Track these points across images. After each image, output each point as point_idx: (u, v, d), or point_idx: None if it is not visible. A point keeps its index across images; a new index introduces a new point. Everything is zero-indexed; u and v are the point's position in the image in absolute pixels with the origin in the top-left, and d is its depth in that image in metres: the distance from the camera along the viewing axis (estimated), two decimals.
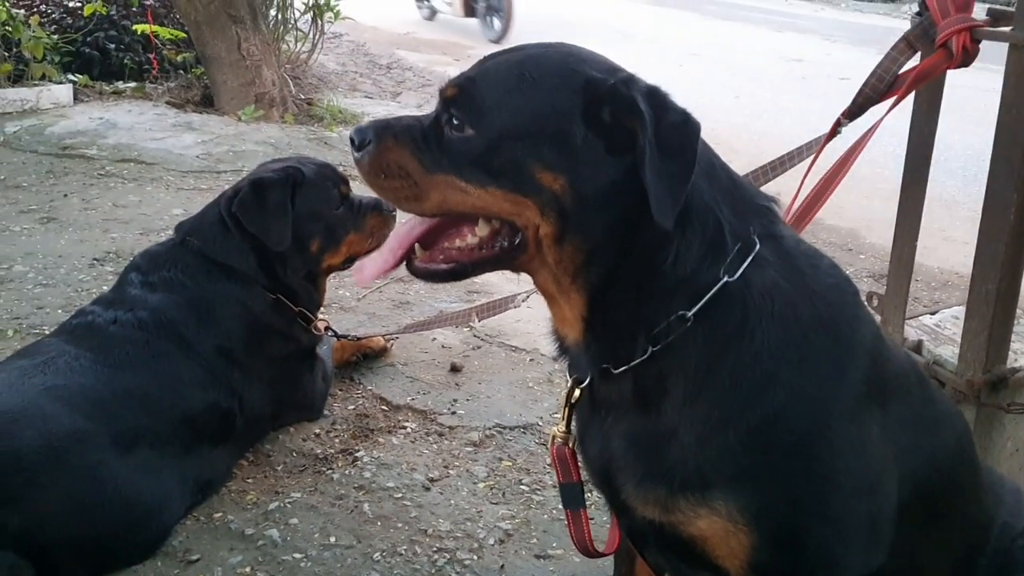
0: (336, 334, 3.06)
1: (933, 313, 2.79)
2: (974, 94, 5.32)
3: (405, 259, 1.48)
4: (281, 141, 6.13)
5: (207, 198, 3.61)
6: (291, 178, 2.72)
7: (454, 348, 3.45)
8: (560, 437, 1.62)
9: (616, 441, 1.46)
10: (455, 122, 1.37)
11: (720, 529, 1.35)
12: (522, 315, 3.45)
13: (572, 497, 1.66)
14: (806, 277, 1.42)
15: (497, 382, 3.22)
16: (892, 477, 1.44)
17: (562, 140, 1.32)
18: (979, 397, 2.31)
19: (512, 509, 2.52)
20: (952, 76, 2.23)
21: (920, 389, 1.56)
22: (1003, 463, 2.38)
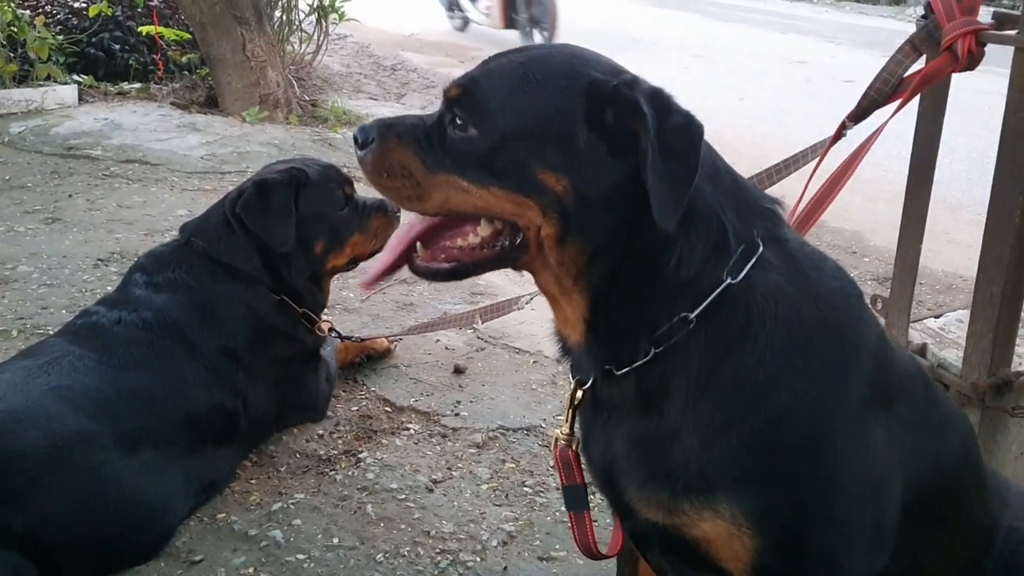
0: (340, 335, 3.06)
1: (937, 316, 2.79)
2: (979, 97, 5.32)
3: (407, 257, 1.47)
4: (285, 142, 6.14)
5: (211, 199, 3.61)
6: (295, 179, 2.72)
7: (458, 350, 3.46)
8: (563, 439, 1.62)
9: (619, 443, 1.46)
10: (458, 122, 1.37)
11: (724, 532, 1.35)
12: (526, 317, 3.45)
13: (576, 499, 1.66)
14: (810, 279, 1.41)
15: (500, 384, 3.21)
16: (896, 480, 1.43)
17: (565, 141, 1.32)
18: (984, 400, 2.30)
19: (515, 511, 2.51)
20: (957, 79, 2.23)
21: (924, 392, 1.56)
22: (1008, 466, 2.37)
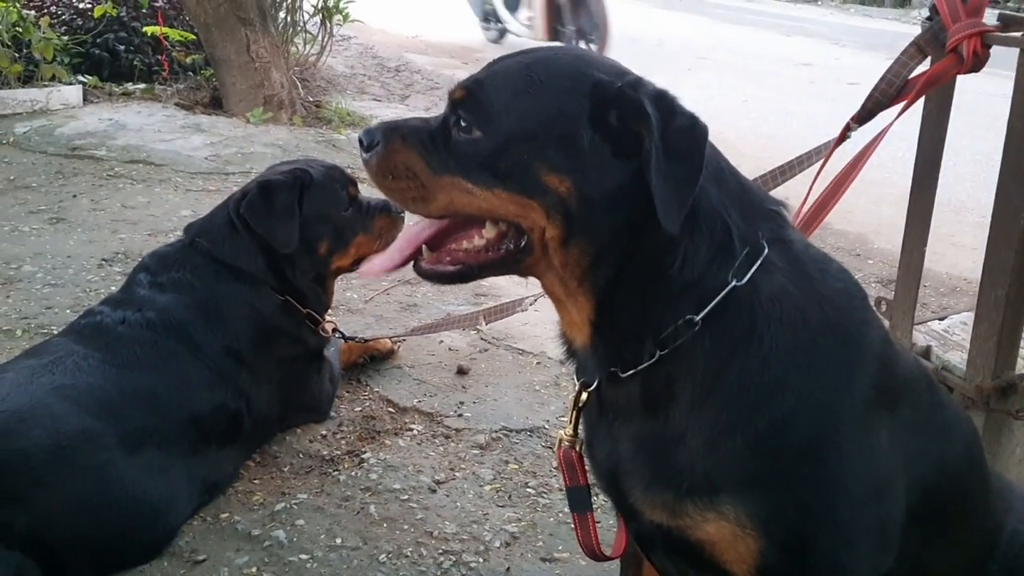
0: (344, 336, 3.06)
1: (942, 319, 2.79)
2: (984, 99, 5.32)
3: (412, 259, 1.48)
4: (289, 143, 6.14)
5: (215, 200, 3.62)
6: (299, 180, 2.73)
7: (461, 351, 3.45)
8: (567, 440, 1.62)
9: (624, 445, 1.46)
10: (463, 124, 1.37)
11: (728, 534, 1.35)
12: (529, 318, 3.45)
13: (579, 501, 1.66)
14: (815, 282, 1.41)
15: (504, 385, 3.21)
16: (900, 483, 1.43)
17: (569, 143, 1.32)
18: (988, 403, 2.30)
19: (518, 512, 2.51)
20: (962, 81, 2.23)
21: (929, 394, 1.56)
22: (1012, 469, 2.37)
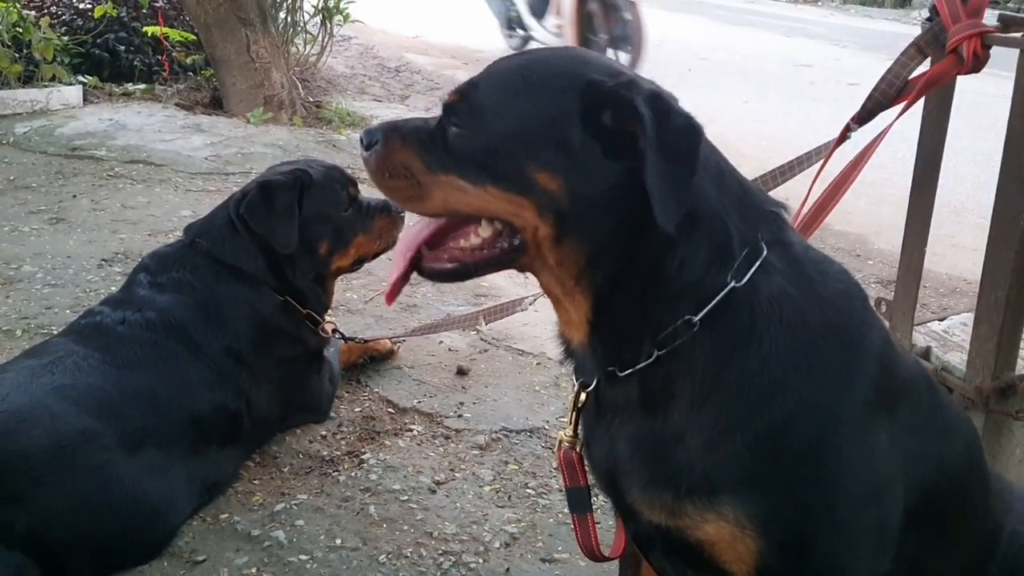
0: (343, 336, 3.06)
1: (942, 319, 2.79)
2: (984, 100, 5.32)
3: (415, 261, 1.48)
4: (290, 143, 6.14)
5: (216, 200, 3.62)
6: (299, 181, 2.73)
7: (461, 351, 3.45)
8: (567, 441, 1.62)
9: (622, 444, 1.46)
10: (458, 123, 1.39)
11: (727, 534, 1.35)
12: (529, 319, 3.45)
13: (579, 501, 1.66)
14: (814, 283, 1.41)
15: (504, 385, 3.21)
16: (900, 484, 1.43)
17: (560, 141, 1.32)
18: (988, 404, 2.30)
19: (518, 513, 2.51)
20: (961, 82, 2.23)
21: (929, 395, 1.56)
22: (1012, 470, 2.37)
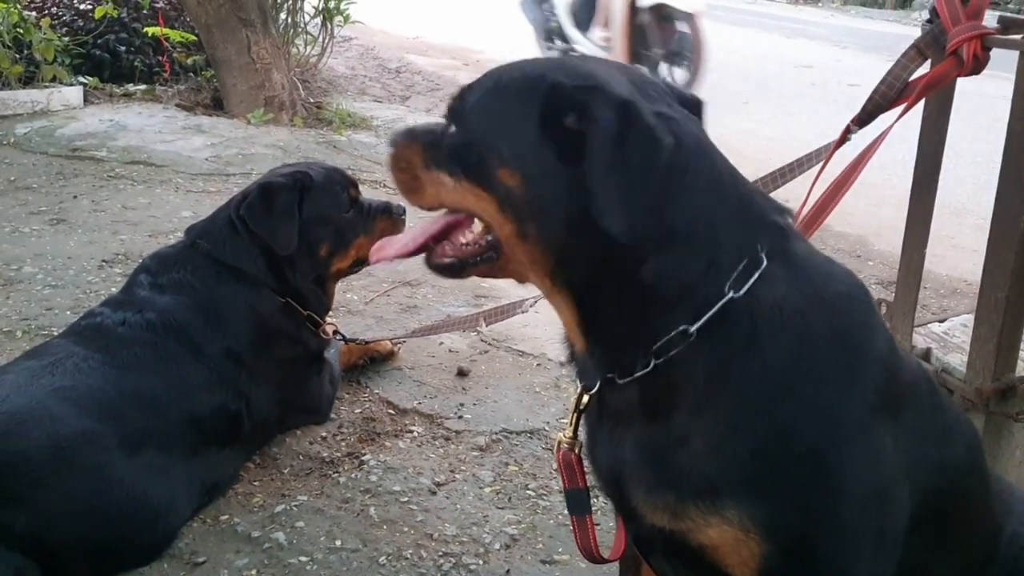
0: (344, 338, 3.06)
1: (942, 321, 2.78)
2: (984, 101, 5.31)
3: (424, 249, 1.56)
4: (290, 144, 6.14)
5: (216, 201, 3.63)
6: (299, 182, 2.73)
7: (461, 352, 3.45)
8: (566, 443, 1.62)
9: (625, 448, 1.46)
10: (452, 123, 1.48)
11: (731, 538, 1.35)
12: (529, 320, 3.45)
13: (578, 503, 1.66)
14: (816, 287, 1.41)
15: (504, 387, 3.21)
16: (903, 487, 1.43)
17: (521, 140, 1.37)
18: (988, 405, 2.30)
19: (518, 514, 2.51)
20: (962, 83, 2.23)
21: (930, 397, 1.55)
22: (1012, 472, 2.37)
